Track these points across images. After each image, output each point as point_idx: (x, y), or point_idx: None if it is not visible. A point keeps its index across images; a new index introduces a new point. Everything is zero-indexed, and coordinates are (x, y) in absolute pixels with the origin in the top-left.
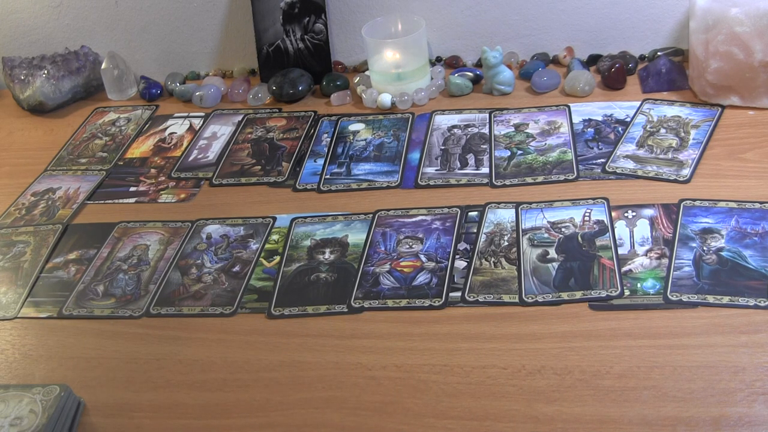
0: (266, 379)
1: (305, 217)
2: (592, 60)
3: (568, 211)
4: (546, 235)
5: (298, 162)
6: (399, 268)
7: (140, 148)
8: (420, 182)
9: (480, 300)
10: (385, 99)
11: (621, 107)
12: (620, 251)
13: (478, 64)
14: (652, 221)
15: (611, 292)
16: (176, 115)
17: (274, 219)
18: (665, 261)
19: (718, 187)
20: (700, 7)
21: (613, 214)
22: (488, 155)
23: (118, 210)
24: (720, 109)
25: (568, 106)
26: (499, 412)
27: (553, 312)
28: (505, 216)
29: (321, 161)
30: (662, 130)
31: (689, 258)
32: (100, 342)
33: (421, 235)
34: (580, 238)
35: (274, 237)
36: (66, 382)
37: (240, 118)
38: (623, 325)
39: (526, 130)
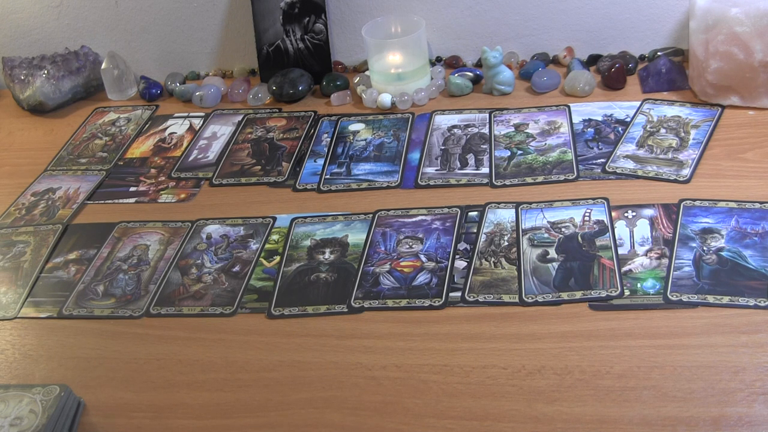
0: (266, 379)
1: (305, 217)
2: (592, 60)
3: (568, 211)
4: (546, 235)
5: (298, 162)
6: (399, 268)
7: (140, 148)
8: (420, 182)
9: (480, 300)
10: (385, 99)
11: (621, 107)
12: (620, 251)
13: (478, 64)
14: (652, 221)
15: (611, 292)
16: (176, 115)
17: (274, 219)
18: (665, 261)
19: (718, 187)
20: (700, 7)
21: (613, 214)
22: (488, 155)
23: (118, 210)
24: (720, 109)
25: (568, 106)
26: (499, 412)
27: (553, 312)
28: (505, 216)
29: (321, 161)
30: (662, 130)
31: (689, 258)
32: (100, 342)
33: (421, 235)
34: (580, 238)
35: (274, 237)
36: (66, 382)
37: (240, 118)
38: (623, 325)
39: (526, 130)
